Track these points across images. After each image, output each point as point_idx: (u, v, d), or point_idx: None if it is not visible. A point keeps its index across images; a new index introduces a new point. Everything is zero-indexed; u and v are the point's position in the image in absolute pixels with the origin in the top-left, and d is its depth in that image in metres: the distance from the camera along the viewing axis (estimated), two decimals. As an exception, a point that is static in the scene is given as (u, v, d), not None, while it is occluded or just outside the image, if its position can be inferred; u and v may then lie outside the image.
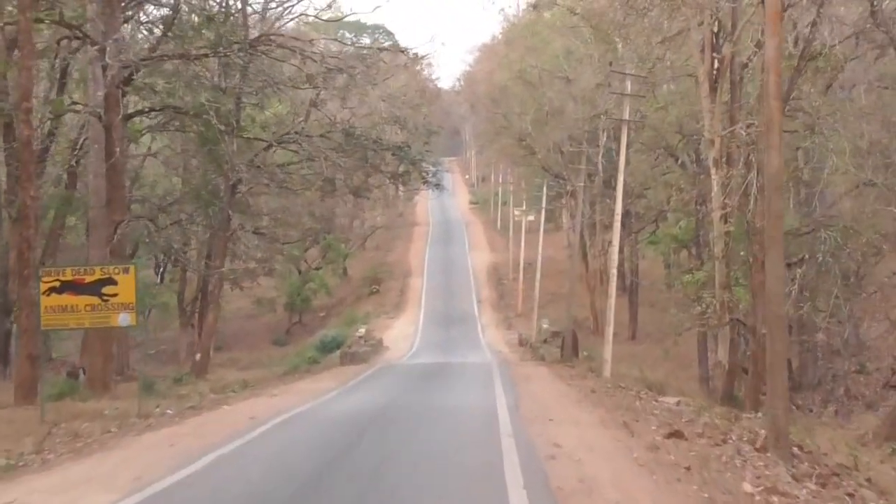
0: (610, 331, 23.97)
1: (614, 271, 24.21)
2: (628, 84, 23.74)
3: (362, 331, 47.32)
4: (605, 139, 47.33)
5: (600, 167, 46.67)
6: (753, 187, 23.24)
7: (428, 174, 26.82)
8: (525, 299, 56.57)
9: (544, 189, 44.75)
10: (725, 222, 24.90)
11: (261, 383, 25.00)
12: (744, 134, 24.18)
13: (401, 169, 26.87)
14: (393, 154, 25.93)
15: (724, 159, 25.02)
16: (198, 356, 29.27)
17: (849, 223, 30.36)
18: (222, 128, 22.57)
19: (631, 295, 53.68)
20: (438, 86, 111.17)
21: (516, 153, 53.43)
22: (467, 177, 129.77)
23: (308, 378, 26.36)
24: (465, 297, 60.89)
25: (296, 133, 25.64)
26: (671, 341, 51.84)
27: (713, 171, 25.09)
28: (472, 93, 59.89)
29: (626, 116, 23.60)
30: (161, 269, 54.47)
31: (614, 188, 51.48)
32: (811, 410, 35.31)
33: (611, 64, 26.54)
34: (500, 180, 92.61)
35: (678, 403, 16.27)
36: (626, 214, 52.11)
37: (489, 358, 37.48)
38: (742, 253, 25.77)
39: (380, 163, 26.17)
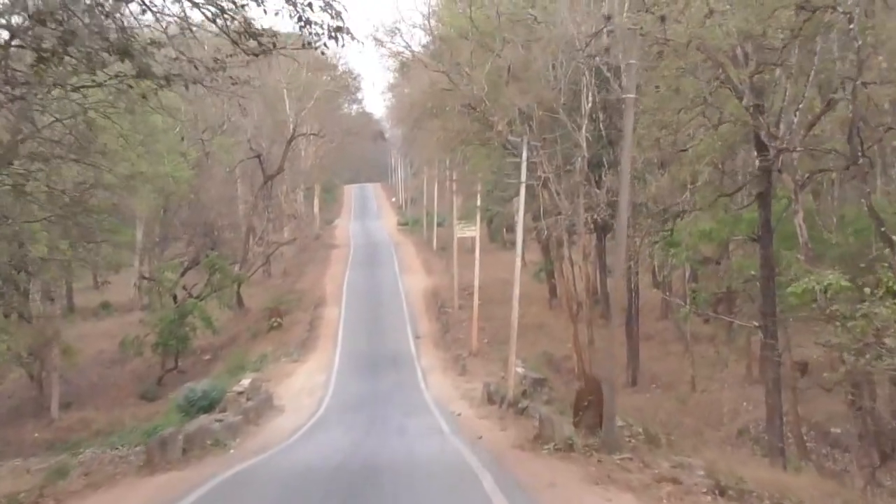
0: None
1: None
2: None
3: (246, 383, 31.43)
4: (589, 101, 32.55)
5: (583, 141, 31.91)
6: None
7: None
8: (480, 332, 41.22)
9: (523, 159, 29.87)
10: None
11: None
12: None
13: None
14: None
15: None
16: None
17: None
18: None
19: (629, 325, 38.25)
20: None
21: (466, 129, 38.21)
22: (394, 199, 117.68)
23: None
24: (397, 332, 45.25)
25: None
26: (686, 387, 37.33)
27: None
28: (404, 51, 44.02)
29: None
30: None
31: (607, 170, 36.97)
32: None
33: None
34: (436, 193, 77.92)
35: None
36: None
37: (453, 439, 20.37)
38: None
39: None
